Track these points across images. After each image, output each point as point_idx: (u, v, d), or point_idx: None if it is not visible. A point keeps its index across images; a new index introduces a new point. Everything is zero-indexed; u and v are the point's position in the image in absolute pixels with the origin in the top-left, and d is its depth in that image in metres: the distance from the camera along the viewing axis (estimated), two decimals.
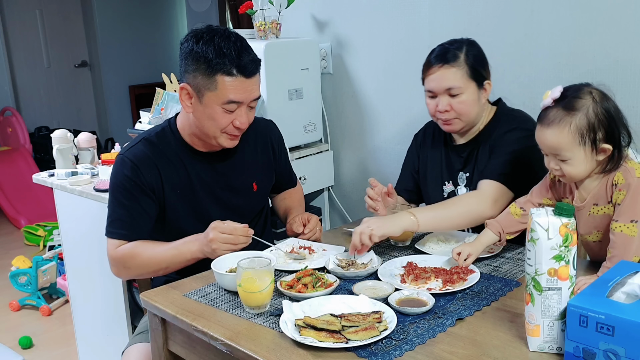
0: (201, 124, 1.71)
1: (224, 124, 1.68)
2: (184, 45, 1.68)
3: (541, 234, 1.13)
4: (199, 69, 1.64)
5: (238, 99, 1.65)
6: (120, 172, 1.75)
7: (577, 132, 1.36)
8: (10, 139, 5.67)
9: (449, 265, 1.57)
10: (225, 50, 1.62)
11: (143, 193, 1.74)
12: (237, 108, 1.67)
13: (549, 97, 1.41)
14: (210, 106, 1.66)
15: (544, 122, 1.41)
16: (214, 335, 1.32)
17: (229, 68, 1.62)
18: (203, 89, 1.65)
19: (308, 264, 1.62)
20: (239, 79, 1.63)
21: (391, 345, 1.22)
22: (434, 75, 1.81)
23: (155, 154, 1.76)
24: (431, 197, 1.99)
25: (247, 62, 1.64)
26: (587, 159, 1.39)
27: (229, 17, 6.05)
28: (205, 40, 1.64)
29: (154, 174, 1.75)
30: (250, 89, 1.67)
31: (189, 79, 1.67)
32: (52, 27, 6.30)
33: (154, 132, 1.82)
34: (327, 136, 2.99)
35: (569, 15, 2.13)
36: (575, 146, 1.37)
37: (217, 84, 1.63)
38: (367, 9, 2.73)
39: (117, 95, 6.65)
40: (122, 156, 1.77)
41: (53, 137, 2.60)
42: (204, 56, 1.63)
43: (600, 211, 1.46)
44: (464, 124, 1.84)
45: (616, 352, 1.02)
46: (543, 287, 1.14)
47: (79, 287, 2.65)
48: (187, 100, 1.70)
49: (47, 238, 4.33)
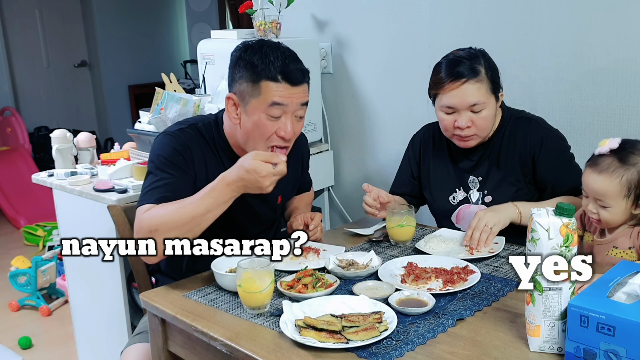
0: (246, 134, 1.66)
1: (268, 132, 1.63)
2: (233, 55, 1.66)
3: (542, 234, 1.13)
4: (244, 76, 1.62)
5: (282, 101, 1.60)
6: (169, 146, 1.68)
7: (626, 185, 1.43)
8: (10, 139, 5.67)
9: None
10: (272, 58, 1.60)
11: (188, 168, 1.68)
12: (282, 115, 1.62)
13: (606, 146, 1.47)
14: (255, 114, 1.62)
15: (596, 168, 1.47)
16: (213, 336, 1.31)
17: (273, 74, 1.59)
18: (248, 97, 1.62)
19: (308, 264, 1.62)
20: (283, 85, 1.60)
21: (391, 345, 1.21)
22: (455, 91, 1.75)
23: (202, 141, 1.73)
24: (438, 204, 1.98)
25: (293, 69, 1.61)
26: (626, 211, 1.47)
27: (229, 17, 6.05)
28: (253, 49, 1.63)
29: (200, 158, 1.71)
30: (295, 95, 1.62)
31: (235, 87, 1.65)
32: (52, 27, 6.29)
33: (201, 122, 1.78)
34: (327, 136, 2.99)
35: (569, 15, 2.13)
36: (620, 198, 1.45)
37: (261, 89, 1.60)
38: (367, 9, 2.73)
39: (116, 95, 6.65)
40: (172, 133, 1.71)
41: (52, 137, 2.60)
42: (250, 63, 1.61)
43: (618, 254, 1.50)
44: (481, 139, 1.83)
45: (617, 353, 1.02)
46: (544, 287, 1.14)
47: (78, 288, 2.64)
48: (233, 111, 1.66)
49: (46, 238, 4.32)
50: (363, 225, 1.96)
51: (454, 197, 1.93)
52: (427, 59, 2.50)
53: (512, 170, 1.85)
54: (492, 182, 1.87)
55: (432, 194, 1.99)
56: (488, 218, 1.69)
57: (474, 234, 1.69)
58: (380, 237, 1.86)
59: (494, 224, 1.69)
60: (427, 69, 1.89)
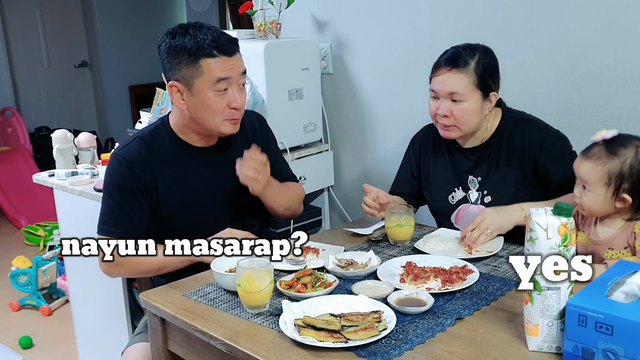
0: (199, 116, 1.72)
1: (220, 107, 1.70)
2: (161, 46, 1.71)
3: (540, 233, 1.14)
4: (181, 61, 1.68)
5: (226, 75, 1.68)
6: (115, 171, 1.76)
7: (606, 174, 1.48)
8: (11, 139, 5.67)
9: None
10: (201, 36, 1.67)
11: (137, 192, 1.75)
12: (228, 87, 1.70)
13: (600, 136, 1.51)
14: (201, 94, 1.69)
15: (586, 155, 1.53)
16: (213, 335, 1.32)
17: (209, 50, 1.66)
18: (191, 79, 1.68)
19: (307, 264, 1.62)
20: (221, 58, 1.67)
21: (390, 344, 1.22)
22: (440, 77, 1.80)
23: (149, 153, 1.78)
24: (437, 204, 1.98)
25: (224, 42, 1.68)
26: (605, 200, 1.50)
27: (229, 17, 6.05)
28: (180, 34, 1.69)
29: (147, 172, 1.76)
30: (235, 65, 1.70)
31: (175, 74, 1.70)
32: (52, 27, 6.30)
33: (147, 130, 1.84)
34: (327, 136, 2.99)
35: (569, 15, 2.13)
36: (600, 185, 1.49)
37: (202, 68, 1.66)
38: (367, 9, 2.74)
39: (117, 95, 6.65)
40: (117, 155, 1.78)
41: (53, 137, 2.60)
42: (183, 47, 1.67)
43: (614, 256, 1.51)
44: (462, 132, 1.84)
45: (615, 352, 1.02)
46: (542, 287, 1.14)
47: (79, 287, 2.65)
48: (179, 98, 1.72)
49: (47, 238, 4.33)
50: (362, 225, 1.96)
51: (453, 197, 1.94)
52: (427, 59, 2.49)
53: (511, 171, 1.85)
54: (492, 183, 1.87)
55: (432, 193, 2.00)
56: (492, 221, 1.71)
57: (474, 232, 1.70)
58: (379, 237, 1.86)
59: (495, 229, 1.71)
60: (427, 69, 1.90)
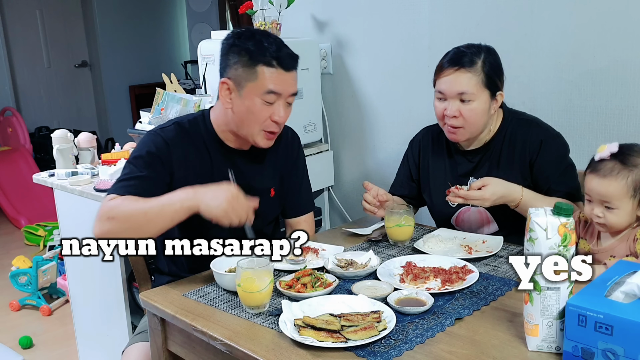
0: (240, 119, 1.72)
1: (262, 117, 1.70)
2: (224, 43, 1.72)
3: (540, 233, 1.14)
4: (240, 61, 1.68)
5: (277, 89, 1.68)
6: (149, 144, 1.75)
7: (632, 186, 1.46)
8: (11, 139, 5.67)
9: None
10: (265, 43, 1.67)
11: (163, 169, 1.73)
12: (276, 101, 1.70)
13: (606, 150, 1.49)
14: (249, 98, 1.68)
15: (599, 173, 1.49)
16: (213, 335, 1.32)
17: (269, 59, 1.66)
18: (243, 81, 1.68)
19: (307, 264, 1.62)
20: (278, 70, 1.67)
21: (390, 344, 1.22)
22: (447, 77, 1.78)
23: (185, 139, 1.78)
24: (437, 206, 1.98)
25: (285, 55, 1.69)
26: (632, 212, 1.49)
27: (229, 17, 6.05)
28: (246, 36, 1.70)
29: (180, 156, 1.75)
30: (289, 82, 1.71)
31: (230, 72, 1.70)
32: (52, 27, 6.30)
33: (186, 119, 1.84)
34: (327, 136, 2.99)
35: (568, 15, 2.13)
36: (627, 198, 1.47)
37: (257, 74, 1.67)
38: (367, 9, 2.74)
39: (117, 96, 6.66)
40: (154, 132, 1.78)
41: (53, 137, 2.60)
42: (245, 49, 1.67)
43: None
44: (469, 134, 1.83)
45: (615, 352, 1.02)
46: (542, 287, 1.14)
47: (79, 287, 2.65)
48: (227, 96, 1.72)
49: (47, 238, 4.33)
50: (362, 225, 1.96)
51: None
52: (426, 60, 2.50)
53: (511, 173, 1.84)
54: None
55: (432, 195, 1.99)
56: (490, 194, 1.71)
57: (469, 193, 1.71)
58: (379, 237, 1.86)
59: (488, 201, 1.72)
60: (426, 69, 1.90)
